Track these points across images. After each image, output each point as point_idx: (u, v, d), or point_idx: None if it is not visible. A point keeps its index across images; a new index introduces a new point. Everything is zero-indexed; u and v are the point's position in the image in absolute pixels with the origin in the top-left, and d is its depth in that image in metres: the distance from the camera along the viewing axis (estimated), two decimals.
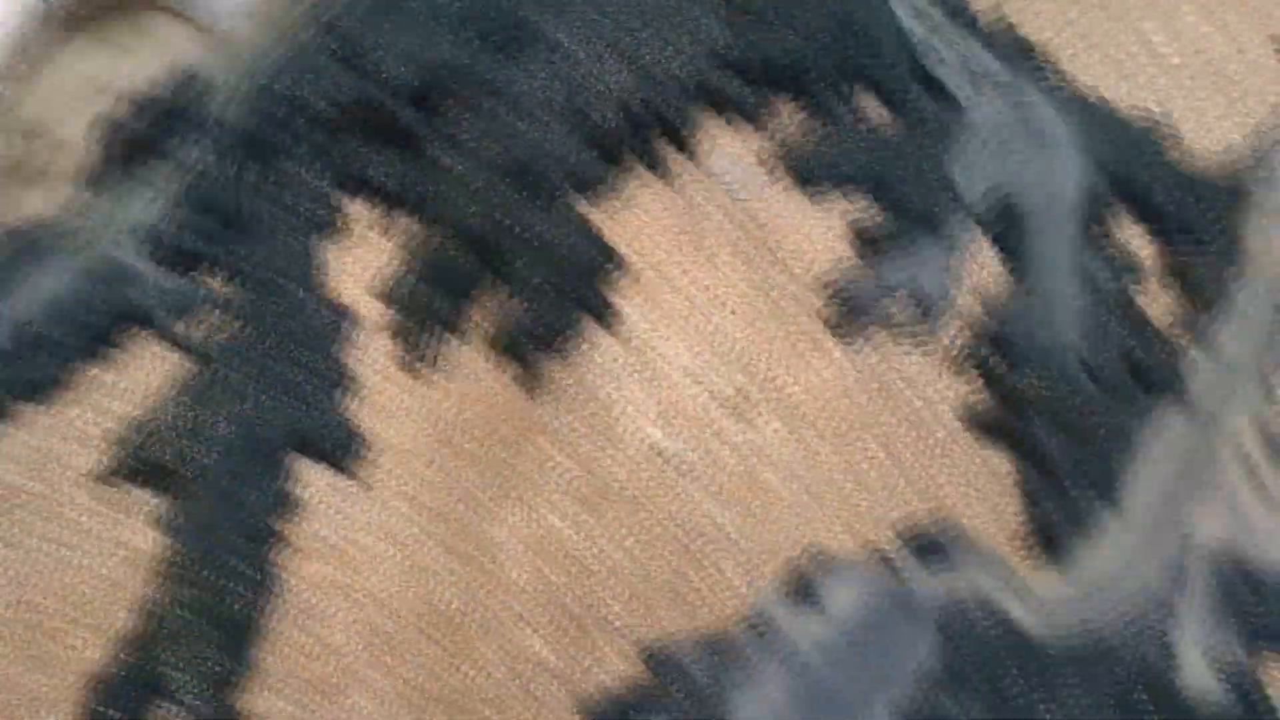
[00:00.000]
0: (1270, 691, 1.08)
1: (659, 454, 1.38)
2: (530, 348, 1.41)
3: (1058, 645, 1.19)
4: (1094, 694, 1.11)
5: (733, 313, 1.39)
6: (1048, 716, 1.15)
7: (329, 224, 1.63)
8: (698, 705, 1.20)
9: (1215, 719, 1.08)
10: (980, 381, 1.38)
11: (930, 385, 1.37)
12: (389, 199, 1.46)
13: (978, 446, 1.37)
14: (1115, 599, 1.23)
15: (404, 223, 1.41)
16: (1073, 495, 1.36)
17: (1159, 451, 1.32)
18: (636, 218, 1.41)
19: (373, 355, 1.40)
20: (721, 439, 1.39)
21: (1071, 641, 1.23)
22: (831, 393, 1.37)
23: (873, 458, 1.43)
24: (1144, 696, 1.16)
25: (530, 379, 1.41)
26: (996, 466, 1.40)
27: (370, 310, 1.42)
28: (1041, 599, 1.26)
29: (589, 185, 1.46)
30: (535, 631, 1.32)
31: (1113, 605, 1.24)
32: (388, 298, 1.46)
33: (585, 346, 1.41)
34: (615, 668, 1.29)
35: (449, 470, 1.31)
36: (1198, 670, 1.20)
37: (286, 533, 1.44)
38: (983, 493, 1.32)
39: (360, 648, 1.27)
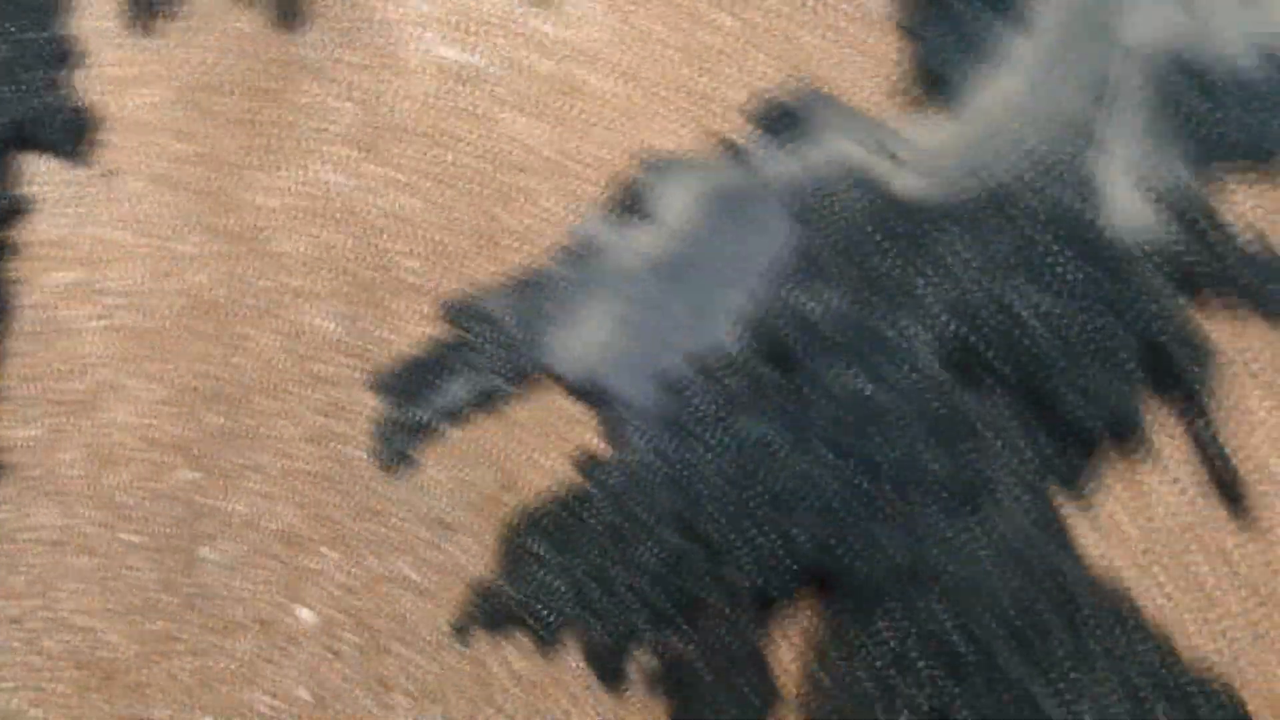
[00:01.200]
0: (1224, 217, 0.90)
1: (454, 75, 1.29)
2: None
3: (943, 203, 1.05)
4: (985, 254, 0.96)
5: None
6: (927, 291, 0.96)
7: None
8: (508, 353, 1.19)
9: (1151, 255, 0.92)
10: None
11: None
12: None
13: None
14: (1017, 134, 1.09)
15: None
16: (965, 18, 1.28)
17: None
18: None
19: (99, 16, 1.05)
20: (530, 42, 1.31)
21: (961, 196, 1.10)
22: None
23: (719, 28, 1.32)
24: (1054, 245, 1.01)
25: (287, 11, 1.12)
26: (874, 8, 1.30)
27: None
28: (924, 150, 1.10)
29: None
30: (317, 306, 1.29)
31: (1013, 144, 1.12)
32: None
33: None
34: (413, 331, 1.29)
35: (200, 137, 1.03)
36: (1126, 202, 0.99)
37: (19, 241, 1.23)
38: (853, 40, 1.18)
39: (115, 356, 1.12)
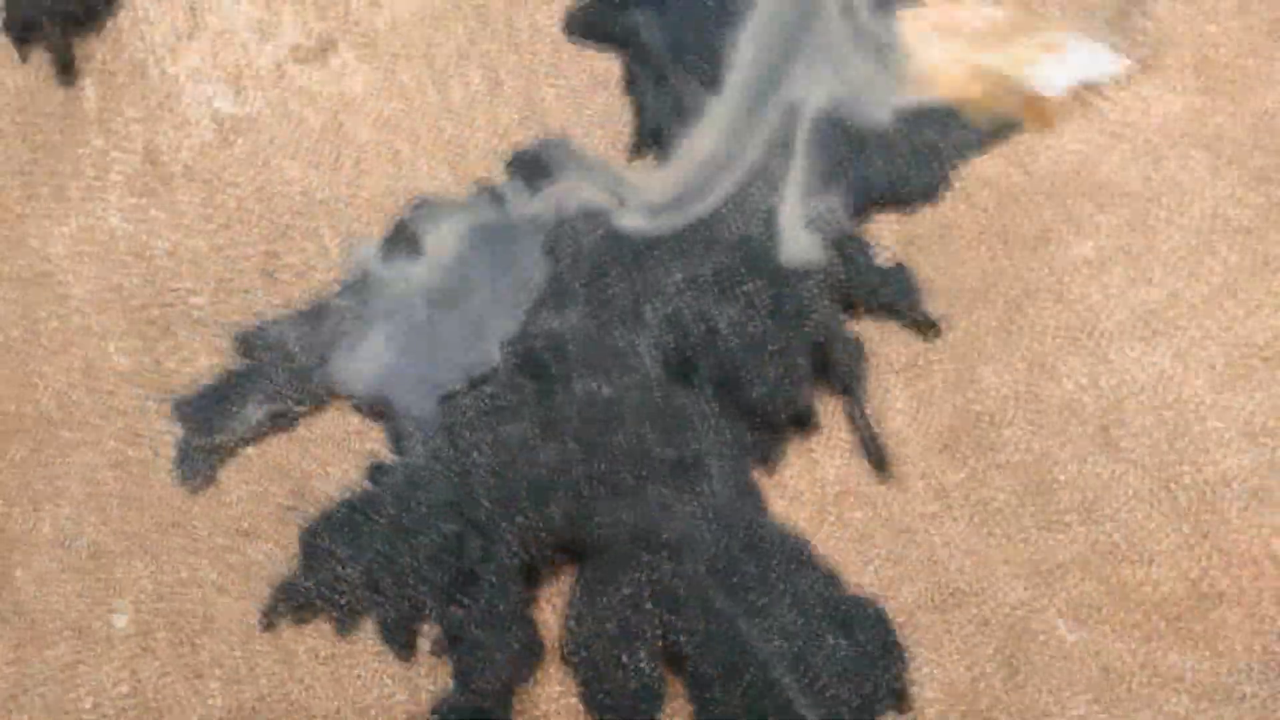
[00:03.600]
0: (870, 246, 0.70)
1: (230, 126, 0.82)
2: (57, 29, 0.78)
3: (658, 237, 0.76)
4: (691, 277, 0.72)
5: None
6: (647, 309, 0.75)
7: None
8: (297, 377, 0.76)
9: (819, 282, 0.71)
10: None
11: (529, 1, 0.82)
12: None
13: (581, 54, 0.83)
14: (716, 181, 0.79)
15: None
16: (675, 85, 0.83)
17: (760, 20, 0.85)
18: None
19: None
20: (300, 94, 0.85)
21: (672, 231, 0.77)
22: (421, 25, 0.84)
23: (470, 84, 0.86)
24: (742, 269, 0.73)
25: (63, 68, 0.78)
26: (603, 74, 0.84)
27: None
28: (646, 197, 0.78)
29: None
30: (110, 344, 0.80)
31: (715, 190, 0.79)
32: None
33: (125, 16, 0.80)
34: (205, 362, 0.77)
35: None
36: (797, 235, 0.78)
37: None
38: (586, 99, 0.81)
39: None
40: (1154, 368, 0.63)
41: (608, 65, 0.83)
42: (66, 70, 0.87)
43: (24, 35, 0.88)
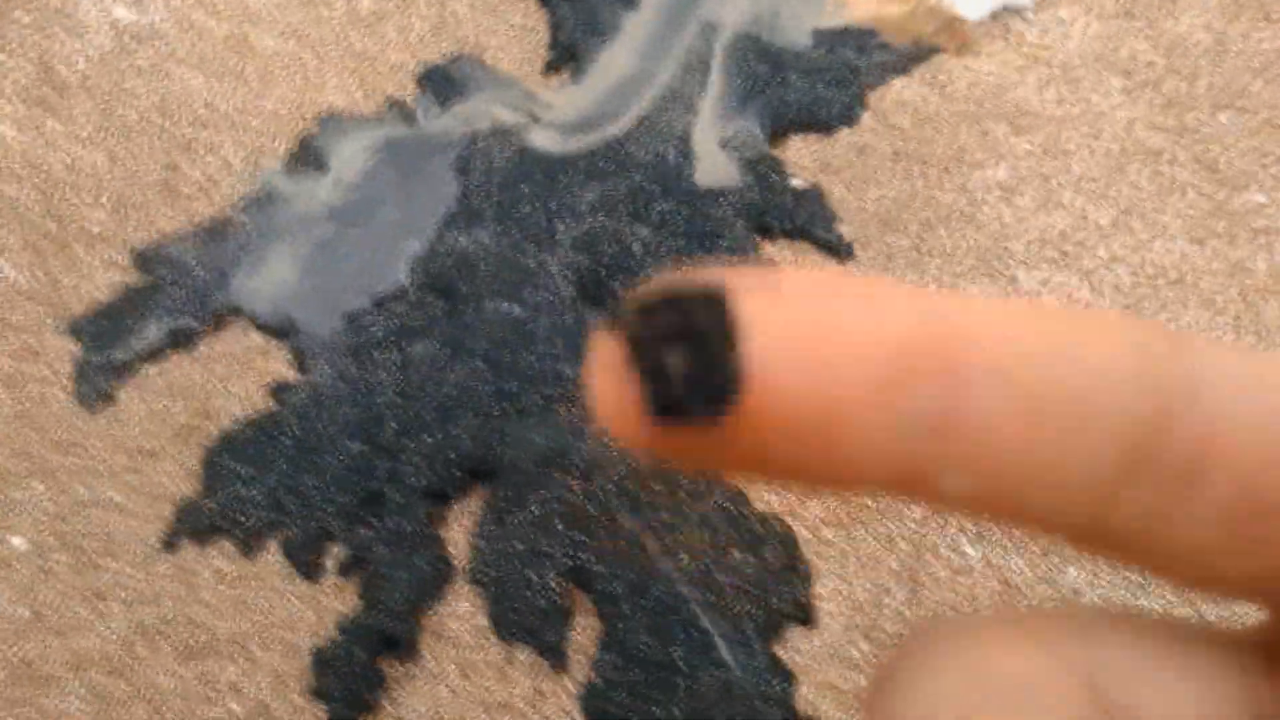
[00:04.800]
0: (789, 169, 0.69)
1: (130, 34, 0.79)
2: None
3: (575, 158, 0.75)
4: (604, 197, 0.71)
5: None
6: (558, 228, 0.74)
7: None
8: (198, 295, 0.75)
9: (734, 205, 0.71)
10: None
11: None
12: None
13: None
14: (631, 102, 0.77)
15: None
16: (592, 3, 0.82)
17: None
18: None
19: None
20: (202, 3, 0.82)
21: (585, 150, 0.76)
22: None
23: (384, 0, 0.84)
24: (656, 190, 0.72)
25: None
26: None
27: None
28: (562, 118, 0.77)
29: None
30: (3, 257, 0.79)
31: (626, 106, 0.78)
32: None
33: None
34: (103, 278, 0.76)
35: None
36: (712, 157, 0.77)
37: None
38: (500, 13, 0.80)
39: None
40: (1061, 289, 0.63)
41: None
42: None
43: None
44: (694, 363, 0.14)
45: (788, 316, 0.14)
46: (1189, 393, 0.14)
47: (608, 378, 0.15)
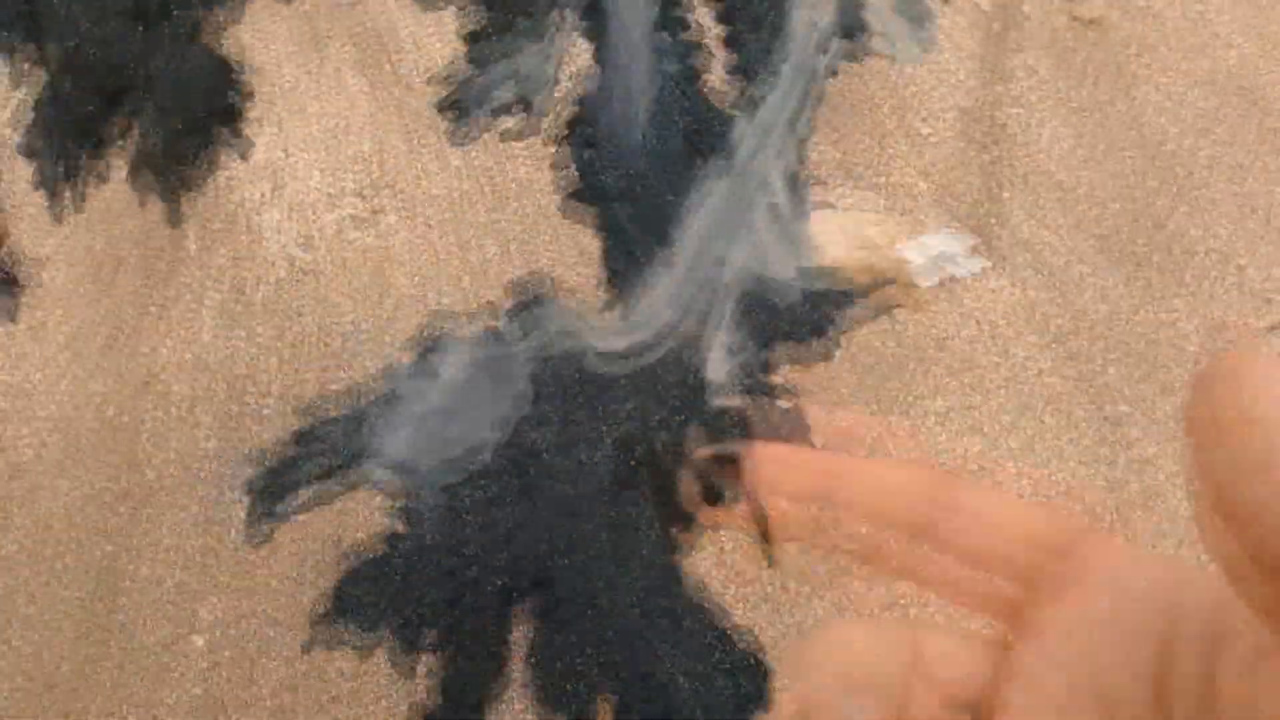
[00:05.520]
0: (774, 373, 0.81)
1: (300, 269, 0.99)
2: (170, 183, 1.04)
3: (618, 378, 0.85)
4: (640, 401, 0.81)
5: (360, 131, 1.08)
6: (603, 429, 0.85)
7: None
8: (339, 457, 0.88)
9: (734, 419, 0.79)
10: (575, 173, 1.04)
11: (536, 185, 1.02)
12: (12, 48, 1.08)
13: (572, 230, 0.99)
14: (663, 338, 0.89)
15: (31, 71, 1.03)
16: (637, 254, 0.96)
17: (705, 207, 1.02)
18: (260, 38, 1.09)
19: (23, 207, 0.98)
20: (355, 249, 1.01)
21: (629, 373, 0.87)
22: (451, 197, 1.04)
23: (487, 252, 1.01)
24: (676, 394, 0.84)
25: (173, 214, 0.99)
26: (585, 244, 0.99)
27: (15, 164, 1.04)
28: (610, 345, 0.88)
29: (213, 4, 1.12)
30: (198, 430, 0.93)
31: (661, 344, 0.89)
32: (27, 150, 1.07)
33: (224, 177, 1.04)
34: (271, 450, 0.88)
35: (108, 306, 0.93)
36: (720, 364, 0.88)
37: None
38: (574, 268, 0.96)
39: (45, 465, 0.89)
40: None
41: (591, 240, 0.99)
42: (175, 216, 1.02)
43: (144, 189, 1.02)
44: (727, 490, 0.28)
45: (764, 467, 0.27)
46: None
47: (692, 490, 0.27)
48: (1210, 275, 0.89)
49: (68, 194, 1.05)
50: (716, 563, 0.78)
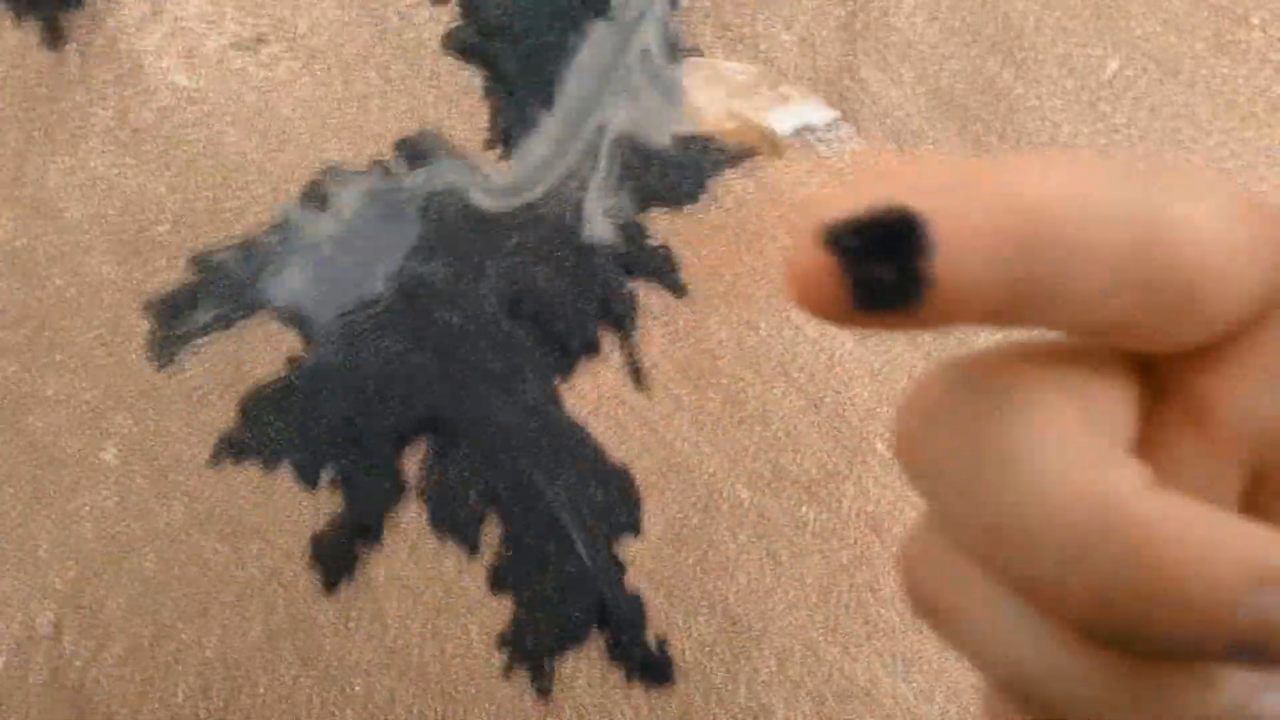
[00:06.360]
0: (649, 231, 0.78)
1: (186, 97, 0.91)
2: (50, 6, 0.94)
3: (503, 216, 0.82)
4: (522, 246, 0.79)
5: None
6: (490, 265, 0.83)
7: None
8: (236, 291, 0.83)
9: (609, 255, 0.78)
10: (459, 11, 0.94)
11: (419, 17, 0.92)
12: None
13: (456, 68, 0.91)
14: (544, 177, 0.85)
15: None
16: (521, 100, 0.90)
17: (586, 60, 0.94)
18: None
19: None
20: (241, 78, 0.92)
21: (513, 212, 0.83)
22: (335, 30, 0.93)
23: (373, 85, 0.93)
24: (558, 242, 0.80)
25: (51, 34, 0.90)
26: (470, 83, 0.91)
27: None
28: (495, 184, 0.86)
29: None
30: (95, 255, 0.88)
31: (542, 183, 0.85)
32: None
33: (103, 2, 0.94)
34: (168, 275, 0.84)
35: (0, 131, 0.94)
36: (599, 225, 0.84)
37: None
38: (460, 107, 0.89)
39: None
40: (818, 327, 0.79)
41: (473, 77, 0.91)
42: (53, 37, 0.90)
43: (19, 6, 0.91)
44: (894, 273, 0.15)
45: (954, 227, 0.15)
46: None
47: (816, 280, 0.16)
48: (1028, 131, 0.86)
49: None
50: (591, 389, 0.73)
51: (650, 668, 0.70)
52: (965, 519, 0.16)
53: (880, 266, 0.16)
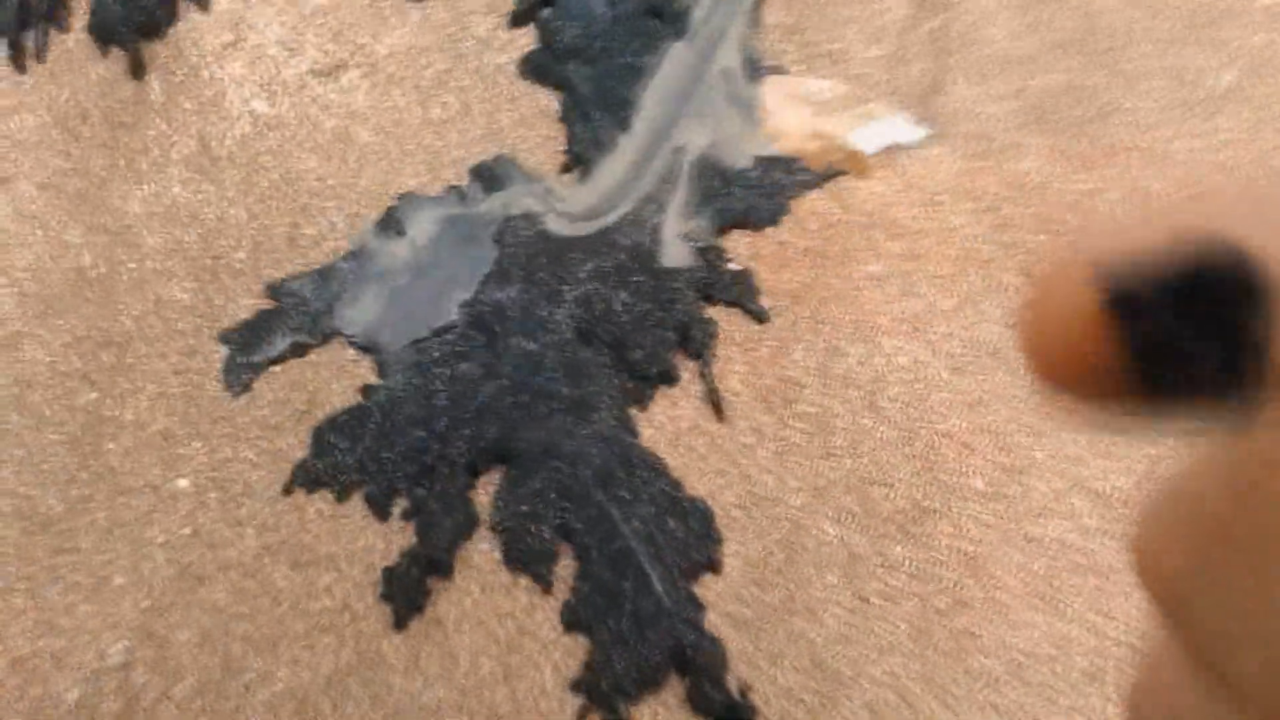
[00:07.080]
0: (729, 256, 0.76)
1: (266, 124, 0.91)
2: (130, 35, 0.93)
3: (579, 241, 0.83)
4: (597, 270, 0.80)
5: None
6: (563, 290, 0.82)
7: None
8: (312, 319, 0.83)
9: (688, 280, 0.78)
10: (536, 35, 0.95)
11: (496, 42, 0.94)
12: None
13: (533, 92, 0.92)
14: (621, 201, 0.86)
15: None
16: (596, 122, 0.90)
17: (663, 81, 0.95)
18: None
19: None
20: (318, 104, 0.94)
21: (587, 236, 0.84)
22: (413, 56, 0.95)
23: (450, 110, 0.94)
24: (633, 266, 0.80)
25: (135, 64, 0.91)
26: (547, 106, 0.91)
27: None
28: (571, 209, 0.85)
29: None
30: (173, 282, 0.86)
31: (619, 207, 0.86)
32: None
33: (184, 29, 0.93)
34: (244, 302, 0.84)
35: (77, 157, 0.86)
36: (677, 249, 0.85)
37: None
38: (536, 130, 0.89)
39: (25, 313, 0.83)
40: (910, 355, 0.75)
41: (549, 101, 0.91)
42: (137, 67, 0.92)
43: (104, 38, 0.94)
44: (1206, 344, 0.11)
45: None
46: None
47: (1077, 341, 0.12)
48: (1124, 143, 0.81)
49: (31, 44, 0.94)
50: (669, 419, 0.70)
51: (733, 717, 0.66)
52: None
53: (1184, 329, 0.11)
